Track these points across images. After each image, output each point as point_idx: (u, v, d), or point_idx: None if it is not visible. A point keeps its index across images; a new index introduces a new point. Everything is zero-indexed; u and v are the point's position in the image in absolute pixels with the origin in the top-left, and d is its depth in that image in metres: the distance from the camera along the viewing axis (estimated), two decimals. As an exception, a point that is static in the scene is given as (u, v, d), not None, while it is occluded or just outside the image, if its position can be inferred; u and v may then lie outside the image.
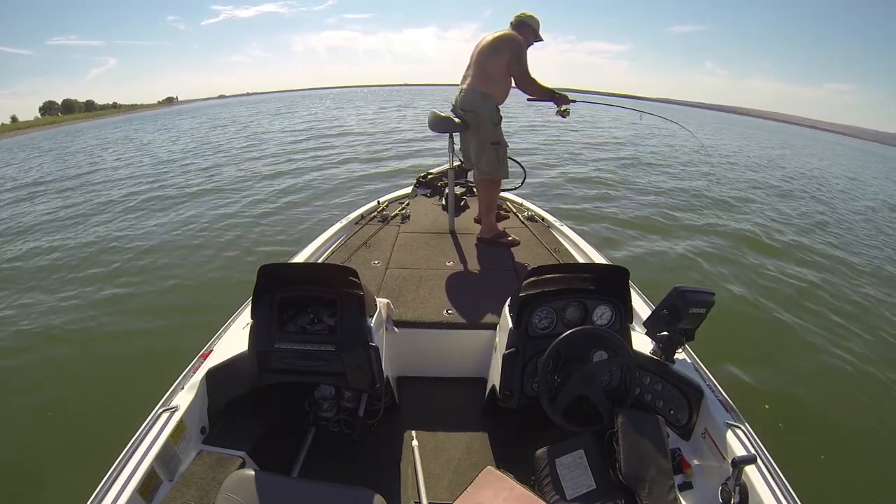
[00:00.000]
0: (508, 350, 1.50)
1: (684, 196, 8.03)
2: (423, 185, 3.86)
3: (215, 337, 1.73)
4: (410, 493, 1.52)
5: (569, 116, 2.91)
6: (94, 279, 4.54)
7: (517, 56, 2.63)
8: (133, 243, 5.51)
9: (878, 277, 5.16)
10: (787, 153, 20.53)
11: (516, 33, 2.67)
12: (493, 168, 2.76)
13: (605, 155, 12.04)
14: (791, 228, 6.83)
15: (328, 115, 25.61)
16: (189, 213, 6.72)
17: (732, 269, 4.85)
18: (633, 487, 1.20)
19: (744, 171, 12.24)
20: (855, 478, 2.32)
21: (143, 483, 1.16)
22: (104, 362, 3.14)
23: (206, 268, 4.68)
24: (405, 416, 1.86)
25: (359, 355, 1.46)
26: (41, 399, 2.79)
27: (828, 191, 11.09)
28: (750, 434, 1.30)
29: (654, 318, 1.55)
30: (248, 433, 1.47)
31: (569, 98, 2.88)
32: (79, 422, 2.56)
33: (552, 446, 1.31)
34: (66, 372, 3.07)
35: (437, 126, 2.78)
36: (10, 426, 2.59)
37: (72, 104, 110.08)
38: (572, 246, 2.82)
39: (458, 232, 3.00)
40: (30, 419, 2.64)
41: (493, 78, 2.63)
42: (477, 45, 2.71)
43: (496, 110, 2.70)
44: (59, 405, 2.72)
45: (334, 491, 1.13)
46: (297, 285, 1.55)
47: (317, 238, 2.82)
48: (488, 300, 2.05)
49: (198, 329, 2.78)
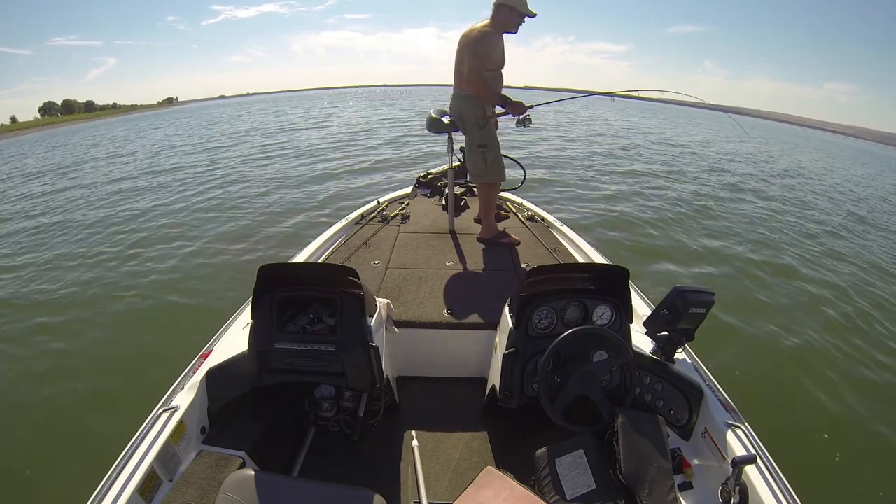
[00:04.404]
0: (508, 350, 1.50)
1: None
2: (423, 185, 3.86)
3: (215, 337, 1.73)
4: (410, 493, 1.52)
5: (531, 125, 2.65)
6: (94, 279, 4.54)
7: (472, 51, 2.47)
8: (133, 243, 5.51)
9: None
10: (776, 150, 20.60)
11: (486, 23, 2.50)
12: (481, 171, 2.73)
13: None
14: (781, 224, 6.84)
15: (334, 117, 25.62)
16: (189, 212, 6.72)
17: (733, 269, 4.86)
18: (633, 487, 1.20)
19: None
20: (855, 478, 2.32)
21: (143, 483, 1.15)
22: (104, 362, 3.14)
23: (206, 268, 4.68)
24: (405, 416, 1.86)
25: (359, 355, 1.45)
26: (41, 399, 2.79)
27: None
28: (750, 434, 1.30)
29: (654, 318, 1.55)
30: (248, 433, 1.47)
31: (525, 105, 2.62)
32: (79, 422, 2.56)
33: (552, 446, 1.31)
34: (66, 372, 3.06)
35: (430, 127, 2.80)
36: (10, 426, 2.59)
37: (71, 104, 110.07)
38: (572, 246, 2.82)
39: (458, 232, 2.99)
40: (30, 419, 2.64)
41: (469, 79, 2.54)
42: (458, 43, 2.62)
43: (482, 112, 2.62)
44: (59, 405, 2.73)
45: (334, 491, 1.13)
46: (297, 285, 1.55)
47: (317, 238, 2.82)
48: (488, 300, 2.05)
49: (198, 329, 2.78)
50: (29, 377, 3.04)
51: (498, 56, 2.55)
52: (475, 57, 2.48)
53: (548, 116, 21.54)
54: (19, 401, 2.81)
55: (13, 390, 2.93)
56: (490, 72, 2.55)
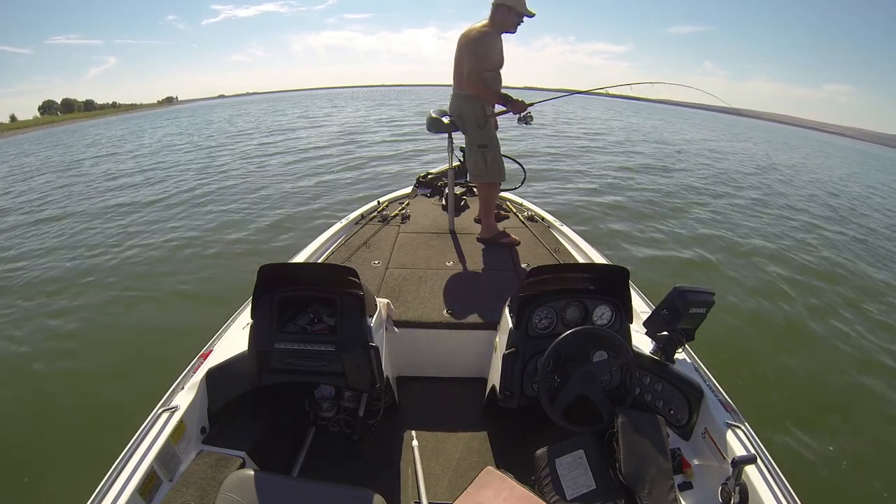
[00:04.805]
0: (508, 350, 1.50)
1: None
2: (423, 184, 3.86)
3: (215, 337, 1.73)
4: (410, 493, 1.52)
5: (532, 122, 2.66)
6: (93, 279, 4.53)
7: (471, 51, 2.48)
8: (132, 243, 5.50)
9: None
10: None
11: (485, 23, 2.51)
12: (481, 171, 2.74)
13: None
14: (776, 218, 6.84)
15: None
16: (189, 212, 6.71)
17: (734, 270, 4.86)
18: (633, 487, 1.20)
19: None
20: (855, 478, 2.32)
21: (143, 483, 1.15)
22: (104, 362, 3.14)
23: (206, 268, 4.67)
24: (405, 416, 1.86)
25: (359, 355, 1.45)
26: (41, 399, 2.79)
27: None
28: (750, 434, 1.30)
29: (654, 318, 1.55)
30: (248, 433, 1.47)
31: (526, 103, 2.65)
32: (79, 422, 2.56)
33: (552, 446, 1.31)
34: (65, 372, 3.06)
35: (430, 127, 2.80)
36: (10, 426, 2.59)
37: (71, 103, 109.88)
38: (572, 246, 2.82)
39: (458, 232, 2.99)
40: (30, 419, 2.64)
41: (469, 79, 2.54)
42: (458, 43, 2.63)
43: (482, 112, 2.62)
44: (58, 405, 2.73)
45: (334, 491, 1.13)
46: (297, 285, 1.55)
47: (317, 238, 2.82)
48: (488, 300, 2.05)
49: (198, 329, 2.77)
50: (28, 377, 3.04)
51: (497, 56, 2.55)
52: (474, 57, 2.49)
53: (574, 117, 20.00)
54: (19, 401, 2.80)
55: (13, 390, 2.92)
56: (489, 72, 2.55)
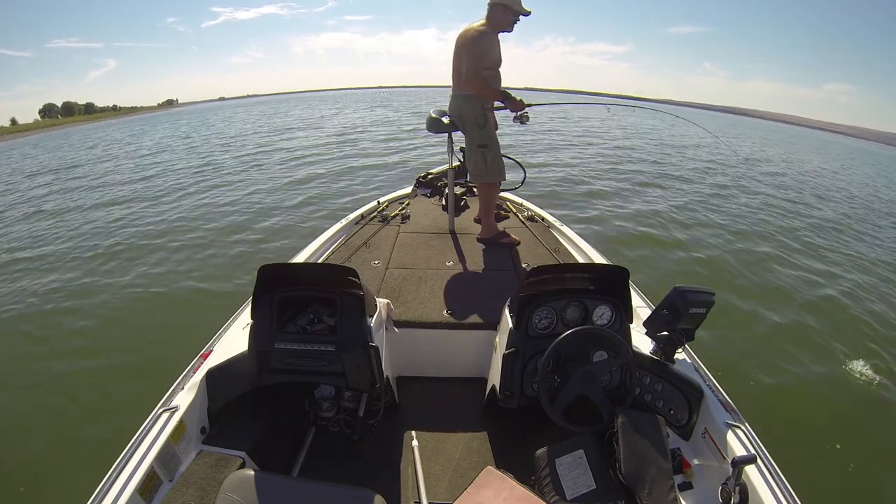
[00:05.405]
0: (508, 350, 1.50)
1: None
2: (423, 185, 3.86)
3: (215, 337, 1.73)
4: (410, 493, 1.52)
5: (528, 122, 2.73)
6: (92, 280, 4.53)
7: (469, 51, 2.50)
8: (132, 244, 5.51)
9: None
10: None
11: (482, 23, 2.53)
12: (481, 171, 2.74)
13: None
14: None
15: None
16: (188, 212, 6.72)
17: (734, 269, 4.86)
18: (633, 487, 1.20)
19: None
20: (855, 478, 2.32)
21: (143, 483, 1.15)
22: (104, 362, 3.14)
23: (206, 268, 4.67)
24: (405, 416, 1.86)
25: (359, 355, 1.46)
26: (41, 399, 2.79)
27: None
28: (750, 434, 1.30)
29: (654, 318, 1.55)
30: (248, 433, 1.47)
31: (525, 103, 2.68)
32: (79, 422, 2.56)
33: (552, 446, 1.31)
34: (65, 372, 3.06)
35: (430, 127, 2.81)
36: (10, 426, 2.59)
37: (72, 106, 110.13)
38: (572, 246, 2.82)
39: (458, 232, 3.00)
40: (30, 419, 2.64)
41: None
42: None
43: (481, 112, 2.63)
44: (59, 405, 2.72)
45: (334, 491, 1.13)
46: (297, 285, 1.55)
47: (317, 238, 2.82)
48: (488, 300, 2.05)
49: (198, 329, 2.77)
50: (28, 377, 3.04)
51: (495, 54, 2.57)
52: (472, 56, 2.50)
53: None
54: (19, 401, 2.80)
55: (13, 390, 2.92)
56: (488, 70, 2.56)
